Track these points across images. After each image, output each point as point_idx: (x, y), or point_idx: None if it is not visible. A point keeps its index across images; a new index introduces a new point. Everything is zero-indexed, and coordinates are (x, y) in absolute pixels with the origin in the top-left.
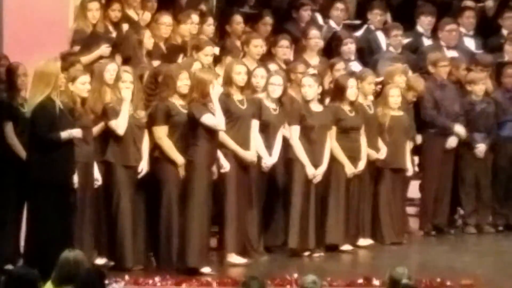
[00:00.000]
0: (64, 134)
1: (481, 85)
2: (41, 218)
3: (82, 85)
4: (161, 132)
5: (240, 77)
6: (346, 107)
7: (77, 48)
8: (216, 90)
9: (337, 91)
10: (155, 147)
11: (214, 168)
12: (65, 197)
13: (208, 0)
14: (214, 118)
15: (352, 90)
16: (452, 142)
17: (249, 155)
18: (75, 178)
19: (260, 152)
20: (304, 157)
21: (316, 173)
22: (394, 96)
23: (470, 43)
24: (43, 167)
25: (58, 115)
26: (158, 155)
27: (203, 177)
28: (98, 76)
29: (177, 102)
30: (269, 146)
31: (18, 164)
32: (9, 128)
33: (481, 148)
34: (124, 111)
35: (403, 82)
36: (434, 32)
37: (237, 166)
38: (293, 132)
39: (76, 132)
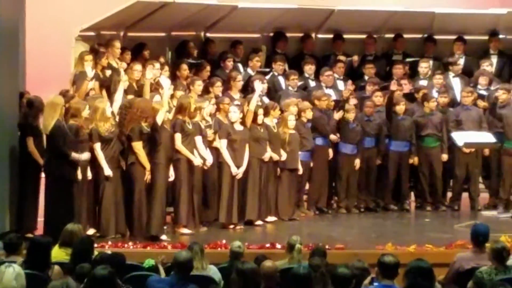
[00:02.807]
0: (74, 156)
1: (351, 112)
2: (53, 201)
3: (87, 112)
4: (139, 145)
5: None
6: (257, 127)
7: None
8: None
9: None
10: (131, 154)
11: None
12: (69, 188)
13: (165, 54)
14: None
15: (260, 116)
16: (331, 153)
17: (196, 161)
18: (79, 174)
19: (205, 156)
20: (230, 161)
21: (238, 172)
22: (291, 120)
23: (341, 85)
24: (59, 166)
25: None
26: (133, 160)
27: (162, 174)
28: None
29: (144, 124)
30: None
31: (35, 164)
32: (30, 141)
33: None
34: None
35: (295, 111)
36: (318, 76)
37: (187, 167)
38: (222, 144)
39: (85, 156)
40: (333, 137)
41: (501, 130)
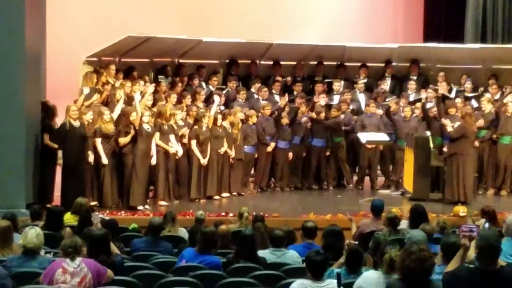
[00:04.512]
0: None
1: (286, 119)
2: (67, 181)
3: (90, 116)
4: (121, 141)
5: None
6: (217, 128)
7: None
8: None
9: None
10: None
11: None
12: (77, 171)
13: (149, 74)
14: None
15: (219, 120)
16: (270, 148)
17: (172, 150)
18: (91, 158)
19: (177, 149)
20: (199, 155)
21: (204, 161)
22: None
23: (278, 98)
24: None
25: (70, 130)
26: (123, 151)
27: (140, 161)
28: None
29: (132, 126)
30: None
31: (51, 153)
32: (46, 136)
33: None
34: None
35: (242, 115)
36: (260, 91)
37: (164, 156)
38: (192, 142)
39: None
40: (272, 145)
41: (392, 131)
